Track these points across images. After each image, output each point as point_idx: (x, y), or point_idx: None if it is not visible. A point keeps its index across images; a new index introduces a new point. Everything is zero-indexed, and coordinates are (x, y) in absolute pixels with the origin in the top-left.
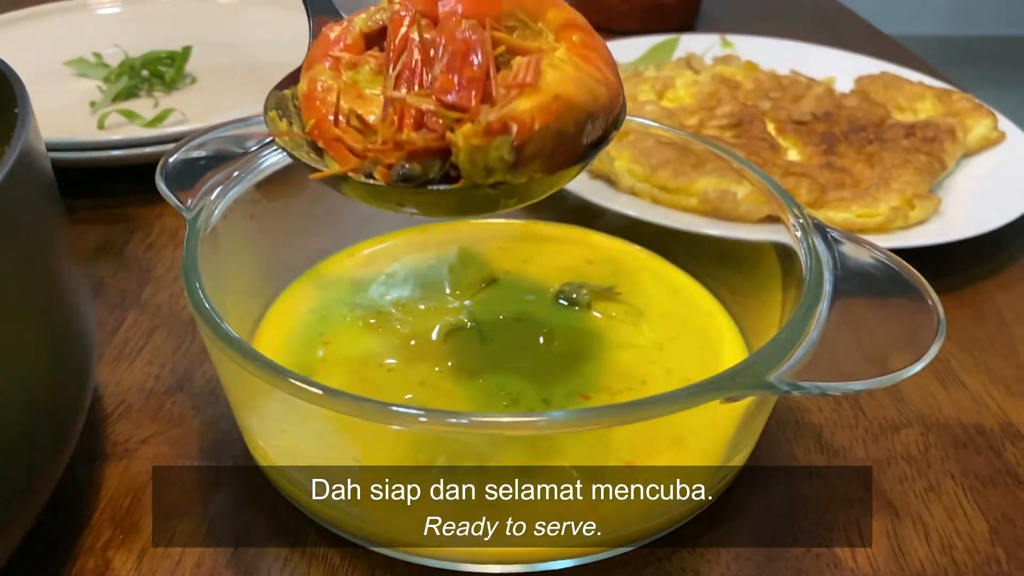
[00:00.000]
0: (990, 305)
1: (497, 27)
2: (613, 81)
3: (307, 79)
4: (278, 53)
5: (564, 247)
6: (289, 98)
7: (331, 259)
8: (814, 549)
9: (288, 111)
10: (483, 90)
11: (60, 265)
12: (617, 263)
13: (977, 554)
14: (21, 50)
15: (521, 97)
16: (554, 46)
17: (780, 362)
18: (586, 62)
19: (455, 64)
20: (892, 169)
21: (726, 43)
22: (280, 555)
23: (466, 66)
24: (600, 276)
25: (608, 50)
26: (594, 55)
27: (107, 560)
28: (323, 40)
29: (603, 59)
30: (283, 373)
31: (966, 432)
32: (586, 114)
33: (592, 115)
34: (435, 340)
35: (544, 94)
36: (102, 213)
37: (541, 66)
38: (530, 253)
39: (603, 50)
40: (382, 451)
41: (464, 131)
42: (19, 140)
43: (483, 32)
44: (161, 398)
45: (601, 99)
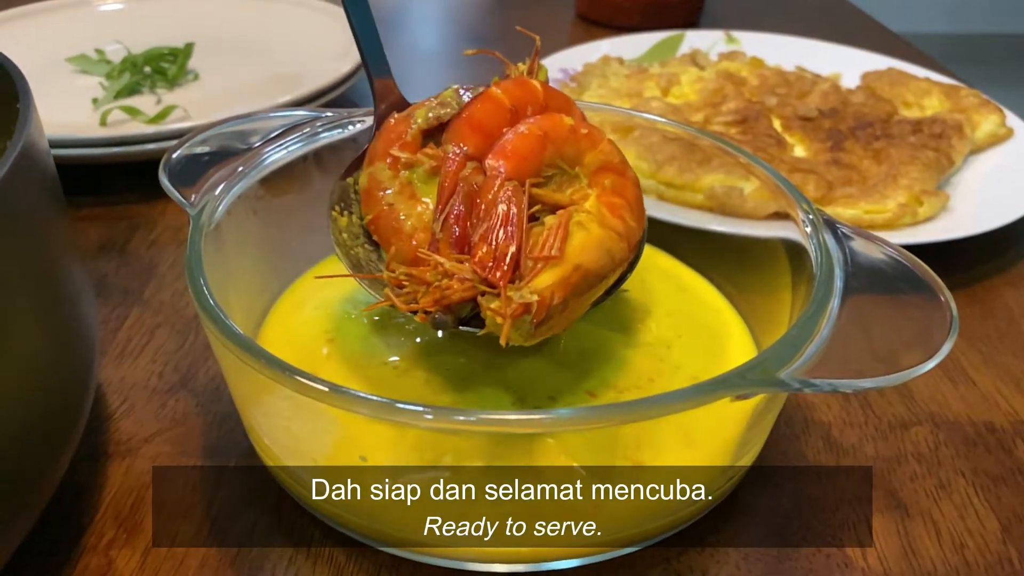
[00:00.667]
0: (999, 302)
1: (537, 180)
2: (634, 228)
3: (368, 175)
4: (281, 49)
5: None
6: (351, 186)
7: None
8: (824, 548)
9: (349, 199)
10: (512, 265)
11: (62, 262)
12: None
13: (989, 553)
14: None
15: (545, 271)
16: (586, 193)
17: (791, 359)
18: (612, 212)
19: (492, 235)
20: (900, 165)
21: (731, 39)
22: (284, 555)
23: (501, 240)
24: None
25: (636, 186)
26: (620, 202)
27: (110, 559)
28: (386, 132)
29: (629, 203)
30: (288, 370)
31: (976, 430)
32: (601, 277)
33: (607, 276)
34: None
35: (565, 266)
36: (104, 210)
37: (569, 227)
38: None
39: (631, 190)
40: (388, 449)
41: (493, 306)
42: (21, 135)
43: (521, 199)
44: (164, 396)
45: (618, 256)
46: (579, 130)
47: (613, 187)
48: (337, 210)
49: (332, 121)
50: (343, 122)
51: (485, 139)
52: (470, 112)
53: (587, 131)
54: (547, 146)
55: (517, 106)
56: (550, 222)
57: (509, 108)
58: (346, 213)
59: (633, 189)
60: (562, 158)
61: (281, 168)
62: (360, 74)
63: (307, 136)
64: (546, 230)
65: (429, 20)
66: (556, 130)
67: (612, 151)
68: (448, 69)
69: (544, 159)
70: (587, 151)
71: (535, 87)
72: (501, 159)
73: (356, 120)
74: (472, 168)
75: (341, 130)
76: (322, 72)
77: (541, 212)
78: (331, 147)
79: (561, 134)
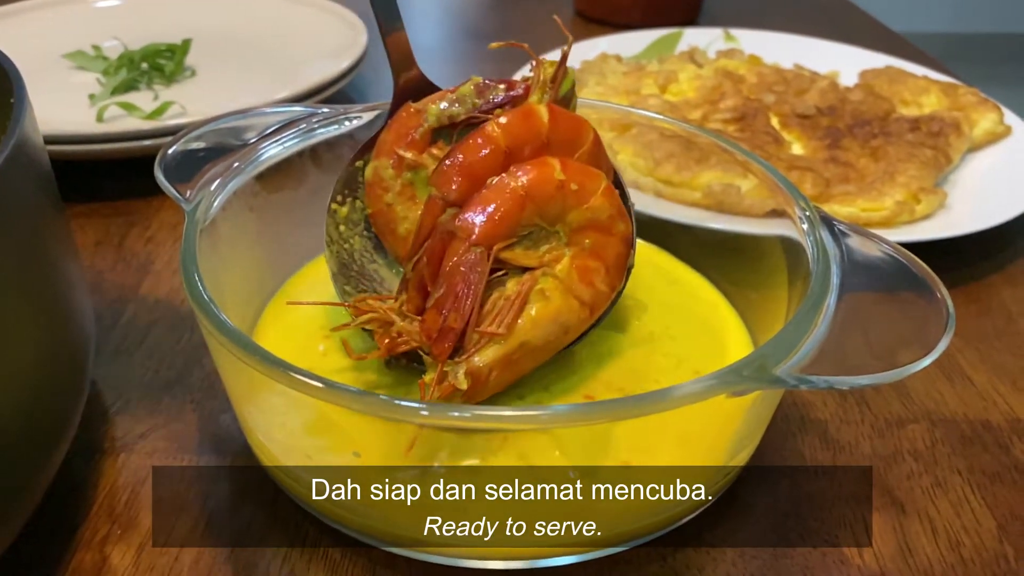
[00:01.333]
0: (996, 300)
1: (508, 242)
2: (603, 293)
3: (373, 169)
4: (277, 45)
5: None
6: (360, 170)
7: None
8: (820, 546)
9: (356, 184)
10: (455, 341)
11: (57, 258)
12: None
13: (985, 551)
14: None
15: (487, 348)
16: (561, 253)
17: (788, 355)
18: (583, 277)
19: (445, 304)
20: (897, 163)
21: (729, 37)
22: (279, 552)
23: (450, 314)
24: None
25: (622, 243)
26: (596, 265)
27: (104, 555)
28: (397, 124)
29: (606, 265)
30: (284, 367)
31: (973, 428)
32: (549, 351)
33: (556, 349)
34: None
35: (511, 343)
36: (100, 206)
37: (528, 297)
38: None
39: (613, 249)
40: (383, 447)
41: (426, 379)
42: (15, 130)
43: (485, 268)
44: (160, 393)
45: (574, 328)
46: (568, 185)
47: (593, 248)
48: (339, 200)
49: (328, 117)
50: (339, 118)
51: (472, 185)
52: (462, 155)
53: (578, 186)
54: (527, 206)
55: (514, 147)
56: (511, 289)
57: (504, 151)
58: (349, 201)
59: (616, 247)
60: (542, 216)
61: (277, 164)
62: (357, 71)
63: (303, 132)
64: (502, 300)
65: (428, 16)
66: (541, 188)
67: (603, 206)
68: (447, 65)
69: (522, 220)
70: (572, 208)
71: (540, 122)
72: (474, 219)
73: (353, 116)
74: (451, 214)
75: (337, 126)
76: (319, 69)
77: (509, 270)
78: (327, 143)
79: (546, 192)
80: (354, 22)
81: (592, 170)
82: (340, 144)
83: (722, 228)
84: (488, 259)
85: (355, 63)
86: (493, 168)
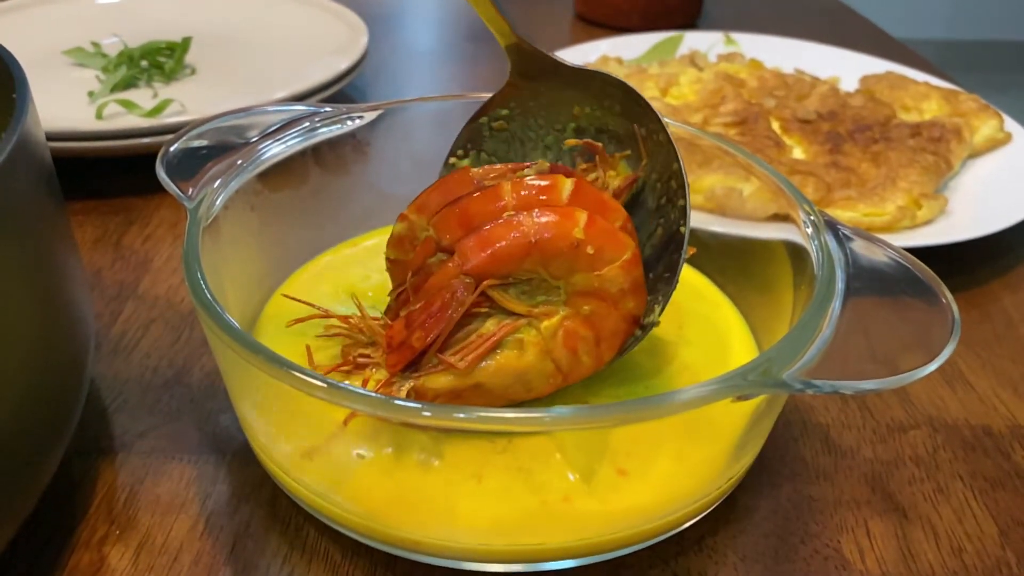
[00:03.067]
0: (997, 306)
1: (501, 283)
2: (585, 366)
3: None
4: (279, 44)
5: None
6: (485, 125)
7: (333, 249)
8: (822, 551)
9: (480, 138)
10: (410, 358)
11: (57, 254)
12: None
13: (987, 557)
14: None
15: (441, 375)
16: (554, 310)
17: (793, 360)
18: (566, 342)
19: (415, 320)
20: (898, 168)
21: (730, 40)
22: (280, 552)
23: (416, 330)
24: None
25: (625, 321)
26: (586, 334)
27: (103, 555)
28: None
29: (598, 337)
30: (286, 366)
31: (974, 434)
32: (506, 400)
33: (515, 401)
34: None
35: (464, 380)
36: (100, 204)
37: (501, 340)
38: None
39: (611, 324)
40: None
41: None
42: (17, 126)
43: (467, 300)
44: (159, 391)
45: (537, 391)
46: (584, 247)
47: (590, 316)
48: (459, 154)
49: (330, 116)
50: (342, 117)
51: (467, 235)
52: (466, 205)
53: (595, 250)
54: (531, 255)
55: (520, 210)
56: (487, 328)
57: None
58: (472, 153)
59: (616, 323)
60: (546, 268)
61: (279, 163)
62: (358, 71)
63: (305, 131)
64: (475, 336)
65: (427, 17)
66: (553, 242)
67: (616, 278)
68: (445, 65)
69: (522, 266)
70: (581, 271)
71: (557, 195)
72: (474, 252)
73: (355, 115)
74: (439, 259)
75: (340, 125)
76: (319, 68)
77: (494, 310)
78: (329, 142)
79: (556, 248)
80: (355, 22)
81: (621, 237)
82: (342, 143)
83: (725, 232)
84: (474, 291)
85: (355, 63)
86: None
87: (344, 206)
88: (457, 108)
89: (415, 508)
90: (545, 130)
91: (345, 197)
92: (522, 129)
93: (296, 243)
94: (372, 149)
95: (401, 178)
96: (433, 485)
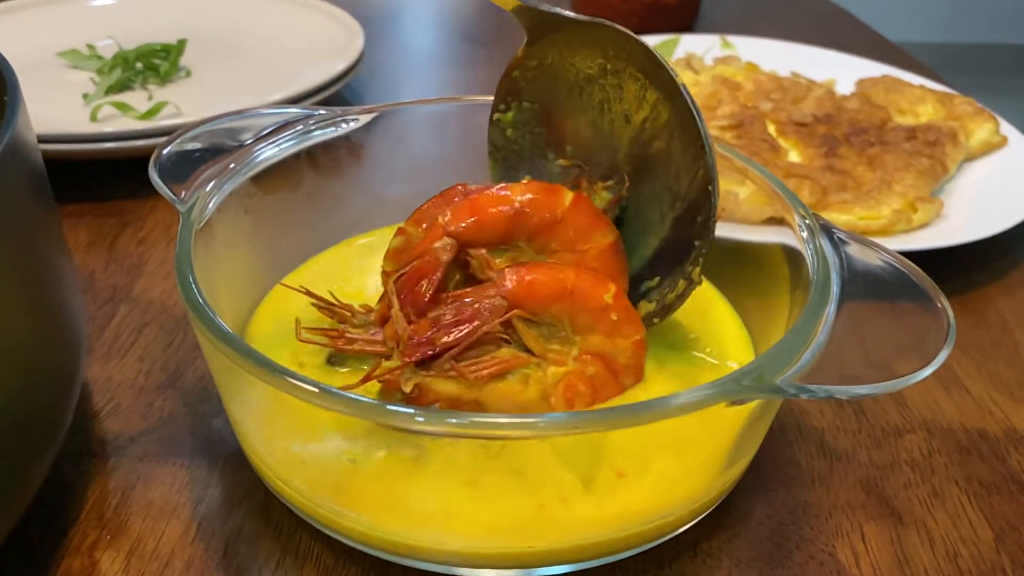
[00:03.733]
0: (993, 310)
1: (528, 316)
2: None
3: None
4: (274, 47)
5: None
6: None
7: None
8: (817, 556)
9: (518, 88)
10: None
11: (49, 257)
12: None
13: (982, 562)
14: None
15: (448, 380)
16: (564, 361)
17: (787, 365)
18: (565, 393)
19: (443, 322)
20: (894, 172)
21: (726, 44)
22: (272, 557)
23: (443, 332)
24: None
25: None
26: (586, 392)
27: (94, 560)
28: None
29: (592, 400)
30: (279, 371)
31: (970, 438)
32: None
33: None
34: None
35: (468, 392)
36: (93, 206)
37: (510, 368)
38: None
39: (610, 392)
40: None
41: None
42: (8, 128)
43: (495, 318)
44: (151, 395)
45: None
46: (608, 314)
47: (592, 377)
48: (501, 109)
49: (325, 119)
50: (336, 120)
51: (477, 227)
52: (477, 199)
53: (618, 317)
54: (563, 301)
55: (526, 210)
56: (502, 354)
57: (516, 209)
58: (514, 105)
59: (611, 393)
60: (570, 320)
61: (273, 166)
62: (353, 73)
63: (300, 134)
64: (489, 356)
65: (423, 20)
66: (585, 299)
67: (626, 351)
68: (441, 68)
69: (551, 310)
70: (599, 332)
71: (559, 201)
72: (514, 277)
73: (350, 118)
74: (445, 244)
75: (334, 128)
76: (314, 71)
77: (514, 340)
78: (324, 145)
79: (585, 304)
80: (350, 24)
81: (638, 319)
82: (336, 146)
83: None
84: (503, 314)
85: (351, 66)
86: (500, 219)
87: (339, 209)
88: (452, 111)
89: (408, 513)
90: (578, 70)
91: (340, 200)
92: (554, 74)
93: (290, 246)
94: (367, 152)
95: (396, 181)
96: (426, 489)
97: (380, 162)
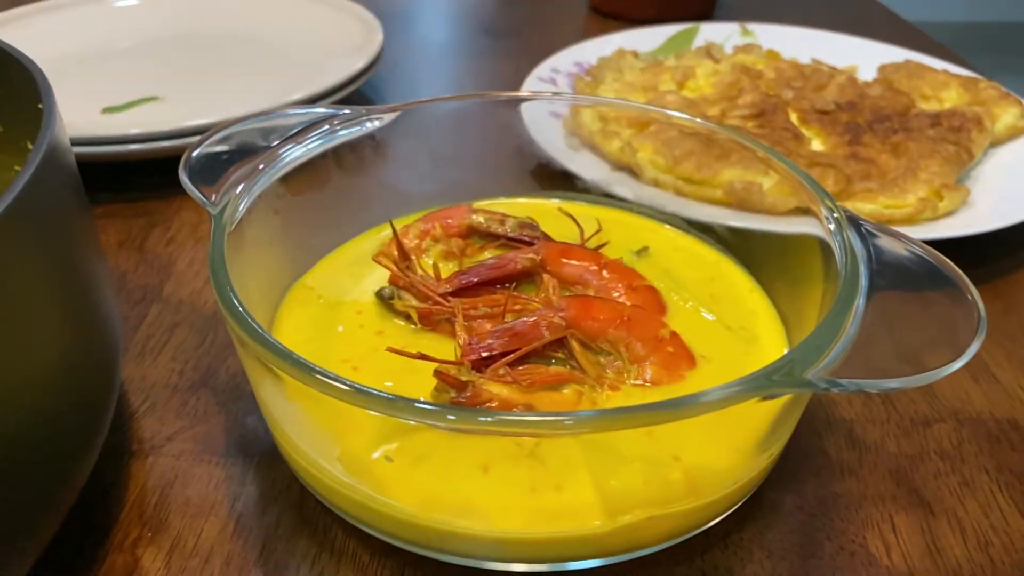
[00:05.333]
0: (1021, 297)
1: (582, 339)
2: None
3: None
4: (294, 45)
5: None
6: None
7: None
8: (848, 547)
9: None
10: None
11: (87, 260)
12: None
13: (1015, 551)
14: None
15: (503, 384)
16: (617, 384)
17: (818, 359)
18: None
19: (505, 333)
20: (919, 159)
21: (746, 32)
22: (309, 553)
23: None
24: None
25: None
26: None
27: (136, 558)
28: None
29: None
30: (314, 371)
31: (1000, 427)
32: None
33: None
34: None
35: (520, 397)
36: (121, 207)
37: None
38: None
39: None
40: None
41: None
42: (46, 135)
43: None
44: (186, 394)
45: None
46: (665, 347)
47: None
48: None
49: (350, 119)
50: (361, 119)
51: (561, 267)
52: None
53: (675, 351)
54: (620, 329)
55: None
56: (555, 369)
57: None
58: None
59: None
60: (627, 348)
61: (301, 166)
62: (373, 70)
63: (326, 134)
64: (543, 368)
65: (441, 13)
66: (641, 328)
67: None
68: (460, 62)
69: (607, 336)
70: (653, 363)
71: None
72: (576, 307)
73: (374, 117)
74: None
75: (359, 127)
76: (335, 68)
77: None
78: (350, 145)
79: (643, 334)
80: (369, 20)
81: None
82: (362, 145)
83: (744, 227)
84: (559, 332)
85: (371, 63)
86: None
87: (365, 206)
88: (474, 107)
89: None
90: None
91: (366, 197)
92: None
93: (318, 244)
94: (391, 149)
95: (420, 177)
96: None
97: (404, 159)
